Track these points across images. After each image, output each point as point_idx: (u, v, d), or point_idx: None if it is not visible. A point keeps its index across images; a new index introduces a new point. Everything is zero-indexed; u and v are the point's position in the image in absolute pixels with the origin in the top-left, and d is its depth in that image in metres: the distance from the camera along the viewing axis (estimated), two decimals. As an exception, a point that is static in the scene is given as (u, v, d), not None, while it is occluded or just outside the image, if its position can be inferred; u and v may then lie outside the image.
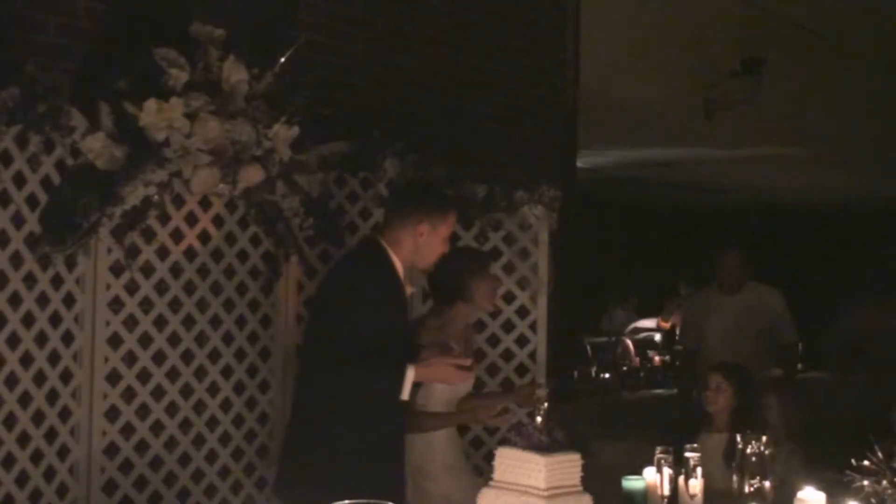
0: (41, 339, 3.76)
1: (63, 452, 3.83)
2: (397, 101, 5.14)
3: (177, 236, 4.13)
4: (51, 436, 3.79)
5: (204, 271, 4.22)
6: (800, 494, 3.16)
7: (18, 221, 3.68)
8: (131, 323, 4.02)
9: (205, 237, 4.21)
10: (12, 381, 3.67)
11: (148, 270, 4.06)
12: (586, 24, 6.25)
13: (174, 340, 4.14)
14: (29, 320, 3.73)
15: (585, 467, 3.04)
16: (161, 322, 4.10)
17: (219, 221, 4.25)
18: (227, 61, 4.02)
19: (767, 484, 3.24)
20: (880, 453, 2.98)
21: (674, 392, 7.95)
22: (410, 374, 3.52)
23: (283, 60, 4.22)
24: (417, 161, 4.70)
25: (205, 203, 4.19)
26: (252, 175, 4.07)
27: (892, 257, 11.28)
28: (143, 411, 4.06)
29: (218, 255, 4.26)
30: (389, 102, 5.09)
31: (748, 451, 3.26)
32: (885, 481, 2.96)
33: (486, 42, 5.64)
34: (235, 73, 4.03)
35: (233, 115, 4.00)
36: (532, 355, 4.94)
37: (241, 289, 4.32)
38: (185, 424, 4.17)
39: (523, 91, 5.82)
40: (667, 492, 3.33)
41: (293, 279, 4.46)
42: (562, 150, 6.06)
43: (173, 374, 4.14)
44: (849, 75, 8.47)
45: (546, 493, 2.91)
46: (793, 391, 6.28)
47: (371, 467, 3.50)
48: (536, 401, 3.13)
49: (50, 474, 3.79)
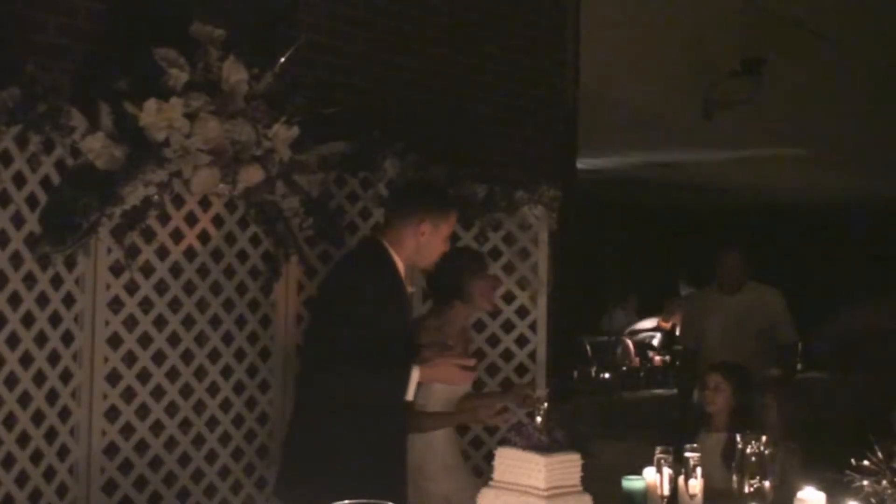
0: (41, 339, 3.76)
1: (63, 452, 3.83)
2: (397, 101, 5.14)
3: (177, 236, 4.13)
4: (51, 436, 3.79)
5: (204, 271, 4.22)
6: (800, 494, 3.16)
7: (18, 221, 3.68)
8: (131, 323, 4.02)
9: (205, 237, 4.21)
10: (12, 381, 3.67)
11: (148, 270, 4.06)
12: (586, 24, 6.25)
13: (174, 340, 4.14)
14: (29, 320, 3.73)
15: (585, 467, 3.04)
16: (161, 322, 4.10)
17: (219, 221, 4.25)
18: (227, 61, 4.02)
19: (767, 484, 3.24)
20: (880, 453, 2.98)
21: (674, 392, 7.96)
22: (415, 374, 3.52)
23: (283, 60, 4.22)
24: (417, 161, 4.70)
25: (205, 203, 4.19)
26: (252, 175, 4.07)
27: (892, 257, 11.28)
28: (143, 411, 4.06)
29: (218, 255, 4.26)
30: (389, 102, 5.09)
31: (748, 451, 3.26)
32: (885, 481, 2.96)
33: (486, 42, 5.64)
34: (235, 73, 4.03)
35: (233, 115, 4.00)
36: (532, 355, 4.94)
37: (241, 289, 4.32)
38: (185, 424, 4.17)
39: (523, 91, 5.82)
40: (667, 492, 3.33)
41: (293, 279, 4.46)
42: (562, 150, 6.06)
43: (173, 374, 4.14)
44: (849, 75, 8.47)
45: (546, 493, 2.91)
46: (791, 391, 6.30)
47: (372, 468, 3.49)
48: (533, 401, 3.13)
49: (50, 474, 3.79)
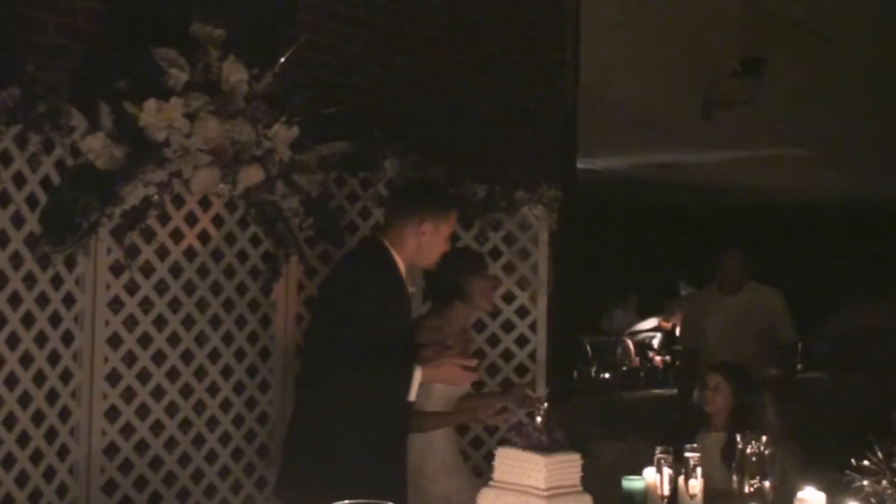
0: (41, 339, 3.76)
1: (63, 452, 3.83)
2: (397, 101, 5.14)
3: (177, 236, 4.13)
4: (51, 436, 3.79)
5: (204, 271, 4.22)
6: (800, 494, 3.16)
7: (18, 221, 3.68)
8: (131, 323, 4.02)
9: (205, 237, 4.21)
10: (12, 381, 3.67)
11: (148, 270, 4.06)
12: (586, 24, 6.25)
13: (174, 340, 4.14)
14: (29, 320, 3.72)
15: (585, 467, 3.04)
16: (161, 322, 4.10)
17: (219, 221, 4.25)
18: (227, 61, 4.02)
19: (767, 484, 3.24)
20: (880, 453, 2.98)
21: (674, 392, 7.96)
22: (418, 374, 3.52)
23: (283, 60, 4.22)
24: (417, 161, 4.70)
25: (205, 203, 4.19)
26: (252, 175, 4.07)
27: (892, 257, 11.27)
28: (143, 411, 4.06)
29: (218, 255, 4.25)
30: (389, 102, 5.09)
31: (748, 451, 3.26)
32: (885, 481, 2.96)
33: (486, 42, 5.63)
34: (235, 73, 4.03)
35: (233, 115, 4.00)
36: (532, 355, 4.94)
37: (241, 289, 4.32)
38: (185, 424, 4.17)
39: (523, 91, 5.81)
40: (667, 492, 3.33)
41: (293, 279, 4.46)
42: (562, 150, 6.06)
43: (173, 374, 4.14)
44: (849, 75, 8.46)
45: (546, 494, 2.91)
46: (790, 390, 6.30)
47: (372, 468, 3.49)
48: (532, 401, 3.13)
49: (50, 474, 3.79)
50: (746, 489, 3.24)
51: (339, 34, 4.95)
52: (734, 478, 3.28)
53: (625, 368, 9.36)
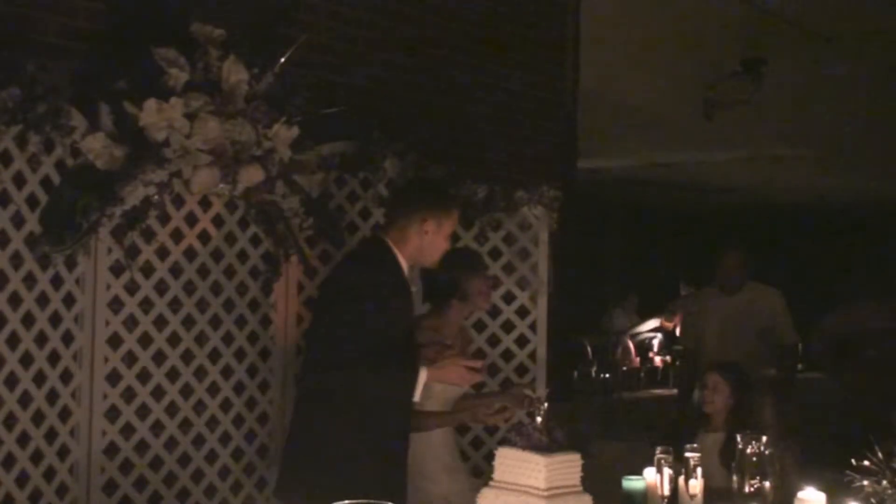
0: (41, 339, 3.76)
1: (63, 452, 3.83)
2: (397, 101, 5.14)
3: (177, 236, 4.13)
4: (51, 436, 3.79)
5: (204, 271, 4.22)
6: (800, 494, 3.15)
7: (18, 221, 3.68)
8: (131, 323, 4.02)
9: (205, 237, 4.21)
10: (12, 381, 3.67)
11: (148, 270, 4.06)
12: (586, 24, 6.25)
13: (174, 340, 4.14)
14: (29, 320, 3.72)
15: (585, 467, 3.04)
16: (161, 322, 4.10)
17: (219, 221, 4.25)
18: (227, 61, 4.02)
19: (767, 484, 3.24)
20: (880, 453, 2.98)
21: (673, 392, 7.96)
22: (423, 375, 3.52)
23: (283, 60, 4.22)
24: (417, 161, 4.70)
25: (205, 203, 4.19)
26: (252, 175, 4.06)
27: (892, 257, 11.28)
28: (143, 411, 4.06)
29: (218, 255, 4.25)
30: (389, 102, 5.09)
31: (748, 451, 3.26)
32: (885, 481, 2.96)
33: (486, 42, 5.63)
34: (235, 73, 4.03)
35: (233, 115, 3.99)
36: (532, 355, 4.94)
37: (241, 289, 4.32)
38: (185, 424, 4.17)
39: (523, 91, 5.81)
40: (667, 492, 3.33)
41: (293, 279, 4.46)
42: (562, 150, 6.06)
43: (173, 375, 4.14)
44: (849, 75, 8.46)
45: (546, 494, 2.91)
46: (789, 391, 6.30)
47: (373, 469, 3.49)
48: (532, 401, 3.13)
49: (50, 474, 3.79)
50: (746, 489, 3.24)
51: (339, 34, 4.95)
52: (734, 478, 3.28)
53: (625, 369, 9.35)
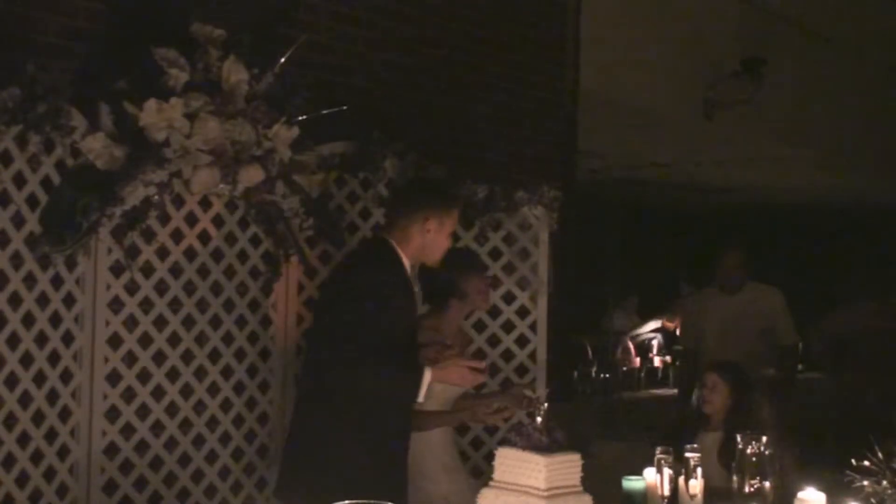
0: (41, 340, 3.76)
1: (63, 453, 3.83)
2: (397, 101, 5.14)
3: (177, 236, 4.13)
4: (51, 436, 3.79)
5: (204, 271, 4.22)
6: (800, 494, 3.16)
7: (18, 221, 3.68)
8: (131, 323, 4.02)
9: (205, 237, 4.21)
10: (12, 381, 3.67)
11: (148, 271, 4.06)
12: (586, 24, 6.25)
13: (174, 341, 4.14)
14: (29, 320, 3.72)
15: (585, 467, 3.04)
16: (161, 322, 4.10)
17: (219, 221, 4.25)
18: (227, 61, 4.02)
19: (767, 484, 3.24)
20: (880, 453, 2.98)
21: (674, 392, 7.96)
22: (427, 375, 3.52)
23: (283, 60, 4.22)
24: (417, 161, 4.70)
25: (205, 203, 4.19)
26: (252, 175, 4.06)
27: (892, 257, 11.27)
28: (143, 411, 4.06)
29: (218, 255, 4.25)
30: (389, 102, 5.09)
31: (748, 451, 3.26)
32: (885, 481, 2.96)
33: (486, 42, 5.63)
34: (235, 73, 4.03)
35: (233, 115, 3.99)
36: (532, 356, 4.94)
37: (241, 289, 4.32)
38: (185, 425, 4.17)
39: (523, 91, 5.81)
40: (667, 492, 3.33)
41: (293, 279, 4.46)
42: (562, 150, 6.06)
43: (173, 375, 4.14)
44: (849, 75, 8.47)
45: (546, 494, 2.91)
46: (788, 391, 6.30)
47: (373, 469, 3.49)
48: (531, 401, 3.13)
49: (50, 474, 3.79)
50: (746, 489, 3.24)
51: (339, 34, 4.95)
52: (734, 478, 3.28)
53: (625, 369, 9.33)
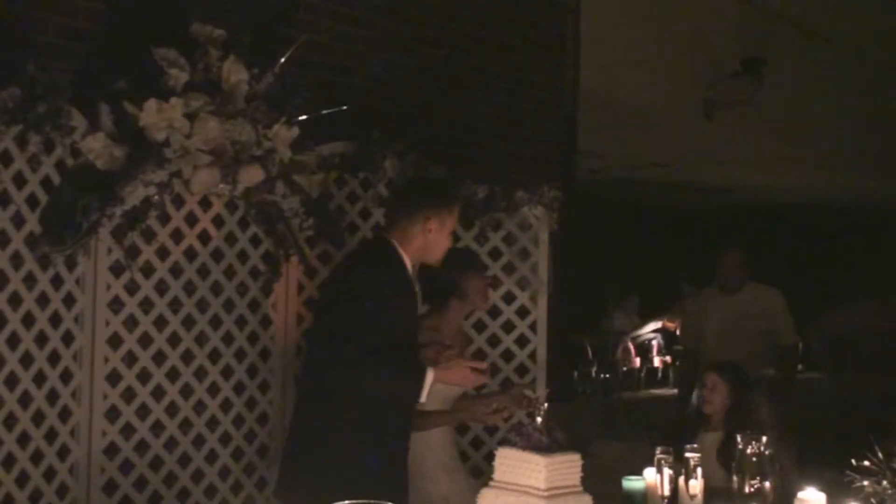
0: (41, 340, 3.76)
1: (63, 453, 3.83)
2: (397, 101, 5.14)
3: (177, 236, 4.13)
4: (51, 436, 3.79)
5: (204, 271, 4.22)
6: (800, 494, 3.15)
7: (18, 221, 3.68)
8: (131, 323, 4.02)
9: (205, 237, 4.21)
10: (12, 382, 3.67)
11: (148, 271, 4.06)
12: (586, 24, 6.25)
13: (174, 341, 4.14)
14: (29, 320, 3.72)
15: (585, 467, 3.04)
16: (161, 322, 4.10)
17: (219, 222, 4.25)
18: (227, 61, 4.02)
19: (767, 484, 3.24)
20: (880, 453, 2.98)
21: (674, 392, 7.96)
22: (430, 376, 3.53)
23: (283, 60, 4.22)
24: (417, 161, 4.70)
25: (205, 203, 4.19)
26: (252, 175, 4.06)
27: (892, 257, 11.27)
28: (144, 411, 4.06)
29: (218, 255, 4.25)
30: (389, 102, 5.09)
31: (748, 451, 3.25)
32: (885, 481, 2.96)
33: (486, 42, 5.63)
34: (235, 73, 4.03)
35: (233, 115, 3.99)
36: (532, 356, 4.94)
37: (241, 289, 4.32)
38: (186, 425, 4.17)
39: (523, 91, 5.81)
40: (667, 492, 3.33)
41: (293, 279, 4.46)
42: (562, 150, 6.06)
43: (173, 375, 4.14)
44: (849, 75, 8.47)
45: (546, 494, 2.91)
46: (788, 391, 6.30)
47: (374, 469, 3.49)
48: (531, 401, 3.13)
49: (50, 474, 3.79)
50: (746, 489, 3.23)
51: (339, 34, 4.95)
52: (734, 478, 3.28)
53: (625, 369, 9.34)
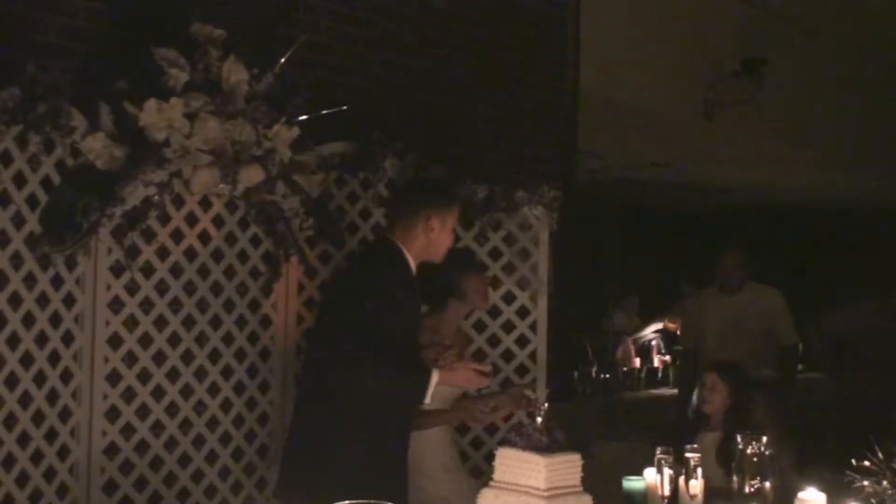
0: (41, 340, 3.76)
1: (63, 453, 3.83)
2: (397, 101, 5.14)
3: (177, 236, 4.13)
4: (51, 436, 3.79)
5: (204, 271, 4.22)
6: (800, 494, 3.16)
7: (18, 221, 3.68)
8: (131, 323, 4.02)
9: (205, 237, 4.21)
10: (12, 382, 3.67)
11: (148, 271, 4.06)
12: (586, 24, 6.25)
13: (174, 341, 4.14)
14: (29, 320, 3.72)
15: (585, 467, 3.04)
16: (161, 322, 4.10)
17: (219, 222, 4.25)
18: (227, 61, 4.02)
19: (767, 484, 3.24)
20: (880, 453, 2.98)
21: (674, 392, 7.96)
22: (435, 378, 3.53)
23: (283, 60, 4.22)
24: (417, 161, 4.70)
25: (205, 203, 4.19)
26: (252, 175, 4.06)
27: (892, 257, 11.27)
28: (144, 411, 4.06)
29: (218, 255, 4.25)
30: (389, 102, 5.09)
31: (748, 451, 3.26)
32: (885, 481, 2.96)
33: (486, 42, 5.63)
34: (235, 73, 4.03)
35: (233, 115, 3.99)
36: (532, 356, 4.94)
37: (242, 289, 4.32)
38: (186, 425, 4.17)
39: (523, 91, 5.81)
40: (667, 492, 3.33)
41: (293, 279, 4.46)
42: (562, 150, 6.06)
43: (173, 375, 4.14)
44: (849, 75, 8.46)
45: (546, 494, 2.91)
46: (788, 391, 6.30)
47: (373, 469, 3.49)
48: (530, 402, 3.13)
49: (50, 474, 3.79)
50: (746, 489, 3.23)
51: (339, 34, 4.95)
52: (734, 478, 3.28)
53: (625, 369, 9.33)
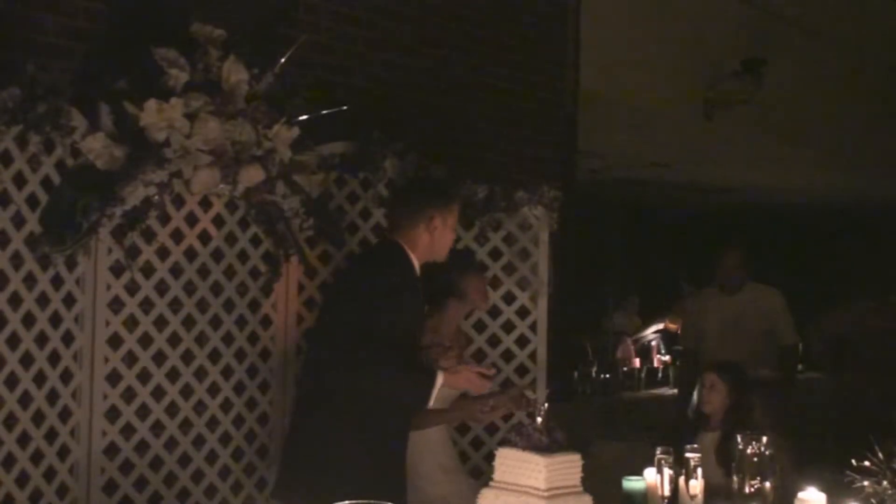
0: (41, 340, 3.76)
1: (63, 453, 3.83)
2: (397, 101, 5.14)
3: (177, 237, 4.13)
4: (51, 436, 3.79)
5: (204, 272, 4.22)
6: (800, 494, 3.16)
7: (18, 221, 3.68)
8: (131, 323, 4.02)
9: (205, 237, 4.21)
10: (12, 382, 3.67)
11: (148, 271, 4.06)
12: (586, 24, 6.25)
13: (174, 341, 4.14)
14: (29, 320, 3.72)
15: (585, 467, 3.04)
16: (161, 322, 4.10)
17: (219, 222, 4.25)
18: (227, 61, 4.02)
19: (768, 484, 3.24)
20: (880, 453, 2.98)
21: (674, 392, 7.96)
22: (440, 380, 3.53)
23: (283, 60, 4.22)
24: (417, 161, 4.70)
25: (205, 203, 4.19)
26: (252, 175, 4.07)
27: (892, 257, 11.27)
28: (144, 412, 4.06)
29: (218, 255, 4.25)
30: (389, 102, 5.09)
31: (748, 451, 3.26)
32: (885, 481, 2.96)
33: (486, 42, 5.63)
34: (235, 73, 4.03)
35: (233, 115, 3.99)
36: (532, 356, 4.94)
37: (242, 289, 4.32)
38: (186, 425, 4.17)
39: (523, 91, 5.81)
40: (667, 492, 3.33)
41: (293, 279, 4.46)
42: (562, 150, 6.06)
43: (173, 375, 4.14)
44: (849, 75, 8.46)
45: (546, 494, 2.92)
46: (788, 391, 6.30)
47: (373, 469, 3.49)
48: (530, 402, 3.14)
49: (50, 474, 3.79)
50: (746, 489, 3.23)
51: (339, 34, 4.95)
52: (734, 478, 3.28)
53: (625, 369, 9.33)
